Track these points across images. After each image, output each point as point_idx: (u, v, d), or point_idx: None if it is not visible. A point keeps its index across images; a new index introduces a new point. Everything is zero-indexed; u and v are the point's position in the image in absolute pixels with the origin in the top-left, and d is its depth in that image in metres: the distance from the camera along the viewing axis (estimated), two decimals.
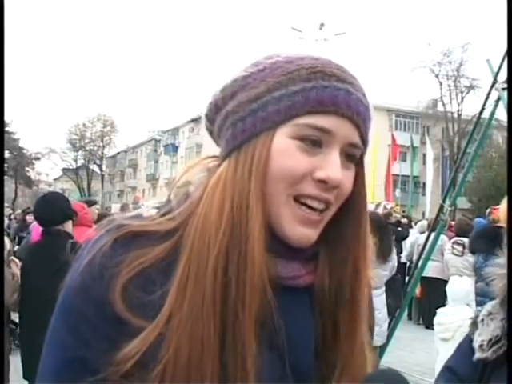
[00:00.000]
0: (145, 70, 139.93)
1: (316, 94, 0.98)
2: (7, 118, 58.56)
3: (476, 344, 1.30)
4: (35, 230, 7.40)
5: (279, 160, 0.98)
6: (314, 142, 0.99)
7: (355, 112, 1.01)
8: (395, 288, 7.57)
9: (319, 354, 1.05)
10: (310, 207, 1.00)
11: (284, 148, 0.98)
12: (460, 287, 6.34)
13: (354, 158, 1.05)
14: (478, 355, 1.29)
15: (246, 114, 1.01)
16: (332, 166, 0.98)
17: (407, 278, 8.52)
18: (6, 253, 4.80)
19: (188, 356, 0.90)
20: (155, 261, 0.96)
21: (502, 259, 1.41)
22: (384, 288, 6.72)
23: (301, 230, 1.00)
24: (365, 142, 1.06)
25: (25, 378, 4.64)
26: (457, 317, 5.58)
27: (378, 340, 6.64)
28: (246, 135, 1.00)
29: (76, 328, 0.94)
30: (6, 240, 5.04)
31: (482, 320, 1.33)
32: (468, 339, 1.37)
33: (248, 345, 0.92)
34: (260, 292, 0.94)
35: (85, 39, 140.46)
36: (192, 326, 0.92)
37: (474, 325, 1.36)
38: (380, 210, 11.06)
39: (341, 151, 1.01)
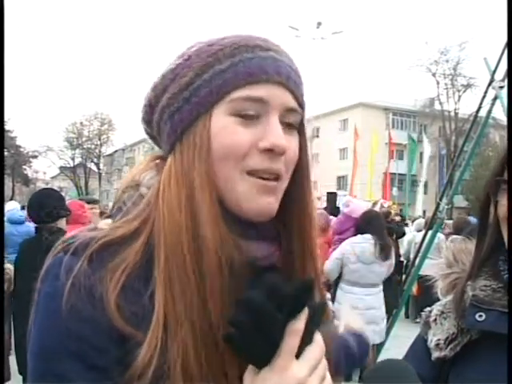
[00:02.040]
0: (142, 68, 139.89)
1: (244, 67, 0.99)
2: (5, 116, 58.67)
3: (432, 344, 1.31)
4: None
5: (220, 138, 0.99)
6: (251, 116, 0.99)
7: (285, 77, 1.02)
8: (392, 287, 7.58)
9: None
10: (263, 178, 1.00)
11: (223, 126, 0.99)
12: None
13: (294, 125, 1.06)
14: (436, 354, 1.30)
15: (181, 103, 1.02)
16: (274, 133, 0.99)
17: (404, 277, 8.53)
18: None
19: (195, 353, 0.92)
20: (133, 267, 0.96)
21: (441, 260, 1.44)
22: (382, 287, 6.73)
23: (261, 200, 1.01)
24: (301, 105, 1.06)
25: (20, 373, 4.65)
26: None
27: (376, 339, 6.66)
28: (185, 124, 1.01)
29: (79, 353, 0.90)
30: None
31: (435, 320, 1.34)
32: (421, 339, 1.38)
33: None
34: (227, 271, 0.95)
35: (82, 38, 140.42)
36: (189, 323, 0.92)
37: (427, 325, 1.37)
38: (377, 209, 11.09)
39: (280, 119, 1.01)
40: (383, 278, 6.73)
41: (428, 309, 1.41)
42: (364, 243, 6.56)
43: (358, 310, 6.50)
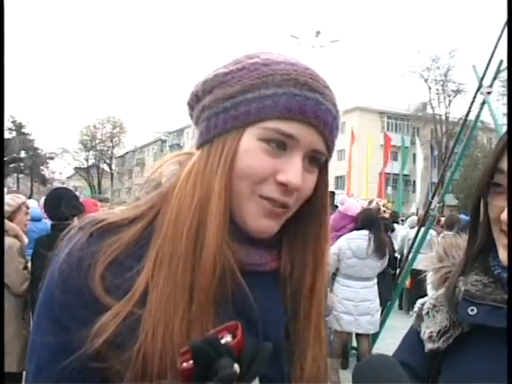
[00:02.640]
0: (152, 74, 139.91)
1: (285, 101, 0.97)
2: (23, 120, 58.80)
3: (425, 336, 1.30)
4: None
5: (245, 159, 0.98)
6: (279, 145, 0.99)
7: (322, 122, 1.00)
8: (386, 281, 7.58)
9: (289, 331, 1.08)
10: (271, 203, 1.01)
11: (250, 148, 0.98)
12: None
13: (317, 161, 1.05)
14: (429, 346, 1.29)
15: (220, 110, 1.01)
16: (293, 171, 0.98)
17: (398, 271, 8.53)
18: (18, 246, 4.83)
19: (162, 337, 0.92)
20: (127, 245, 0.98)
21: (432, 254, 1.43)
22: (376, 280, 6.73)
23: (264, 223, 1.02)
24: (330, 149, 1.05)
25: None
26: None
27: (371, 328, 6.67)
28: (218, 131, 1.01)
29: (56, 316, 0.95)
30: (22, 234, 5.07)
31: (427, 313, 1.33)
32: (414, 331, 1.37)
33: (207, 324, 0.93)
34: (219, 274, 0.96)
35: (95, 49, 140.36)
36: (165, 307, 0.93)
37: (419, 317, 1.36)
38: (373, 207, 11.07)
39: (304, 155, 1.01)
40: (377, 271, 6.72)
41: (420, 302, 1.40)
42: (359, 239, 6.56)
43: (353, 302, 6.52)
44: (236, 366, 0.76)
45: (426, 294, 1.42)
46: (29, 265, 4.85)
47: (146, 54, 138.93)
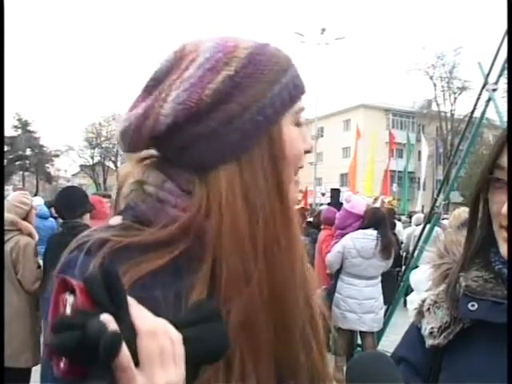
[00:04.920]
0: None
1: (299, 80, 1.03)
2: (29, 118, 58.82)
3: (426, 332, 1.31)
4: None
5: (290, 149, 1.00)
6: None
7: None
8: (390, 280, 7.58)
9: None
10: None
11: (292, 136, 1.00)
12: (422, 276, 6.32)
13: None
14: (430, 342, 1.29)
15: (254, 114, 0.95)
16: (308, 136, 1.07)
17: (404, 268, 8.52)
18: (34, 245, 4.86)
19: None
20: (157, 267, 0.89)
21: (433, 249, 1.44)
22: (380, 278, 6.71)
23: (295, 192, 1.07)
24: None
25: None
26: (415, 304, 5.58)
27: (375, 326, 6.67)
28: (253, 134, 0.95)
29: None
30: (35, 233, 5.10)
31: (428, 309, 1.34)
32: (415, 328, 1.38)
33: None
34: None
35: (100, 47, 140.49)
36: None
37: (420, 314, 1.36)
38: (378, 204, 11.05)
39: None
40: (382, 271, 6.72)
41: (421, 298, 1.41)
42: (364, 239, 6.53)
43: (357, 300, 6.51)
44: (105, 317, 0.64)
45: None
46: (41, 263, 4.89)
47: (151, 51, 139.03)
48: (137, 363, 0.67)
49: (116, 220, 1.00)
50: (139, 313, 0.70)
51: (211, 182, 0.95)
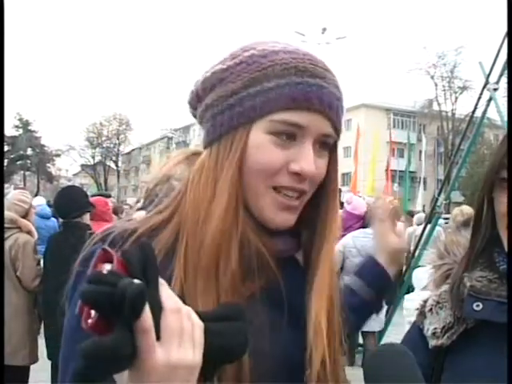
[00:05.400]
0: (158, 71, 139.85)
1: (289, 91, 0.98)
2: (30, 117, 58.89)
3: (428, 332, 1.31)
4: None
5: (255, 155, 0.99)
6: (288, 136, 1.00)
7: (327, 106, 1.00)
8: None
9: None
10: (286, 195, 1.02)
11: (260, 143, 0.99)
12: (423, 276, 6.32)
13: (327, 145, 1.06)
14: (433, 342, 1.29)
15: (224, 108, 1.01)
16: (305, 159, 0.99)
17: (404, 268, 8.52)
18: (33, 243, 4.86)
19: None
20: (163, 254, 0.96)
21: (434, 250, 1.44)
22: None
23: (281, 216, 1.03)
24: (337, 131, 1.06)
25: (49, 358, 4.70)
26: (417, 302, 5.57)
27: (377, 326, 6.65)
28: (225, 128, 1.01)
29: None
30: (34, 231, 5.11)
31: (431, 309, 1.34)
32: (416, 328, 1.37)
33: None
34: (249, 264, 0.98)
35: (101, 46, 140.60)
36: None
37: (422, 314, 1.36)
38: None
39: (314, 141, 1.01)
40: None
41: (422, 299, 1.41)
42: (364, 237, 6.52)
43: None
44: (136, 281, 0.67)
45: None
46: (41, 261, 4.90)
47: (152, 51, 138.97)
48: (158, 338, 0.69)
49: (139, 214, 1.07)
50: (167, 293, 0.73)
51: (193, 168, 1.05)
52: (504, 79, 6.74)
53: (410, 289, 6.71)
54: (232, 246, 0.97)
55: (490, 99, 6.70)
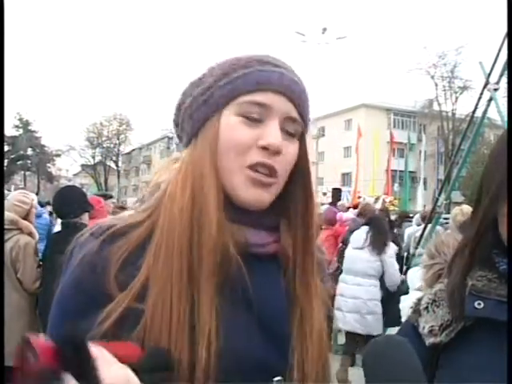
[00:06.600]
0: (158, 71, 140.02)
1: (253, 76, 1.08)
2: (30, 117, 58.94)
3: (425, 330, 1.31)
4: None
5: (226, 134, 1.07)
6: (256, 118, 1.08)
7: (288, 88, 1.10)
8: (394, 302, 7.57)
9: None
10: (258, 171, 1.07)
11: (230, 124, 1.08)
12: (414, 276, 6.35)
13: (294, 134, 1.12)
14: (431, 340, 1.29)
15: (199, 105, 1.11)
16: (271, 134, 1.07)
17: (404, 268, 8.52)
18: (34, 245, 4.85)
19: (160, 320, 0.96)
20: (135, 247, 1.04)
21: (424, 251, 1.44)
22: (376, 282, 6.67)
23: (253, 191, 1.08)
24: (303, 118, 1.13)
25: None
26: (407, 303, 5.59)
27: (358, 327, 6.64)
28: (201, 122, 1.10)
29: (67, 314, 1.01)
30: (35, 232, 5.09)
31: (426, 307, 1.34)
32: (409, 326, 1.37)
33: (208, 307, 0.98)
34: (220, 256, 1.01)
35: (101, 46, 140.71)
36: (163, 291, 0.98)
37: (417, 312, 1.37)
38: (379, 204, 11.06)
39: (281, 126, 1.09)
40: (377, 270, 6.69)
41: (417, 297, 1.42)
42: (358, 230, 6.76)
43: (343, 297, 6.58)
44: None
45: None
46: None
47: (153, 51, 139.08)
48: None
49: (128, 213, 1.17)
50: (104, 366, 0.77)
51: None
52: (504, 79, 6.74)
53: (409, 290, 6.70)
54: (203, 235, 1.02)
55: (491, 99, 6.72)
